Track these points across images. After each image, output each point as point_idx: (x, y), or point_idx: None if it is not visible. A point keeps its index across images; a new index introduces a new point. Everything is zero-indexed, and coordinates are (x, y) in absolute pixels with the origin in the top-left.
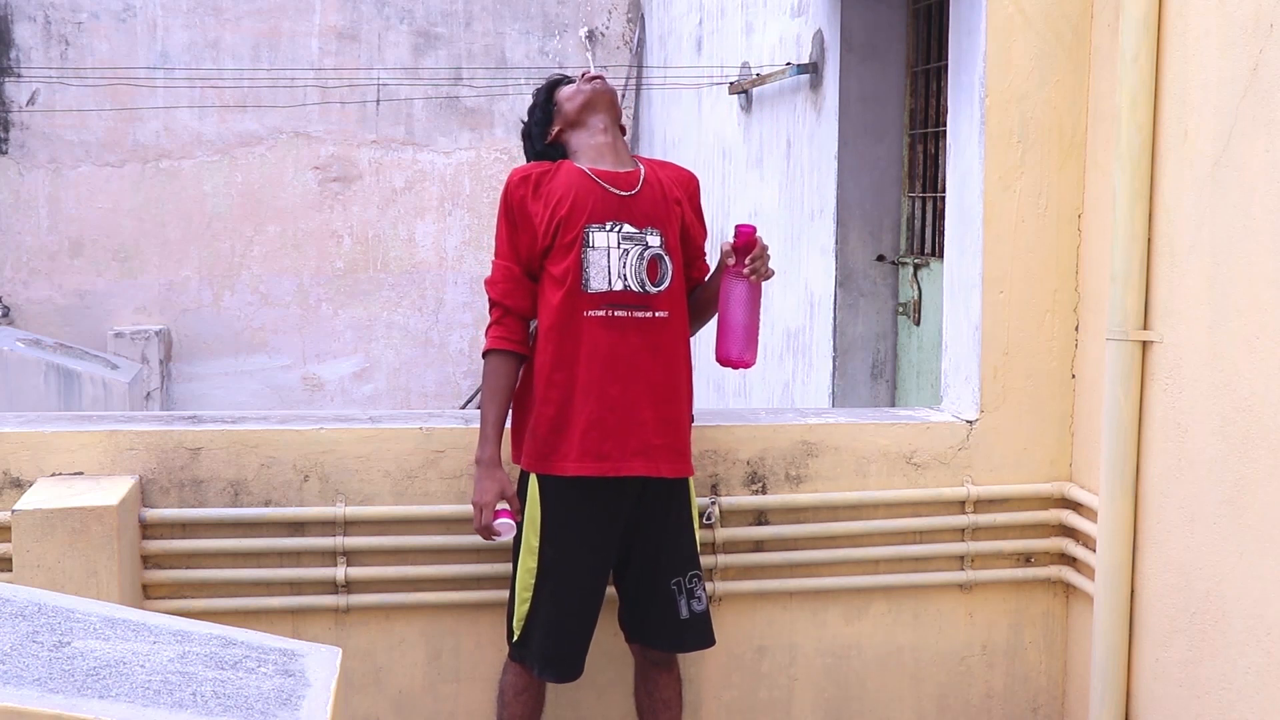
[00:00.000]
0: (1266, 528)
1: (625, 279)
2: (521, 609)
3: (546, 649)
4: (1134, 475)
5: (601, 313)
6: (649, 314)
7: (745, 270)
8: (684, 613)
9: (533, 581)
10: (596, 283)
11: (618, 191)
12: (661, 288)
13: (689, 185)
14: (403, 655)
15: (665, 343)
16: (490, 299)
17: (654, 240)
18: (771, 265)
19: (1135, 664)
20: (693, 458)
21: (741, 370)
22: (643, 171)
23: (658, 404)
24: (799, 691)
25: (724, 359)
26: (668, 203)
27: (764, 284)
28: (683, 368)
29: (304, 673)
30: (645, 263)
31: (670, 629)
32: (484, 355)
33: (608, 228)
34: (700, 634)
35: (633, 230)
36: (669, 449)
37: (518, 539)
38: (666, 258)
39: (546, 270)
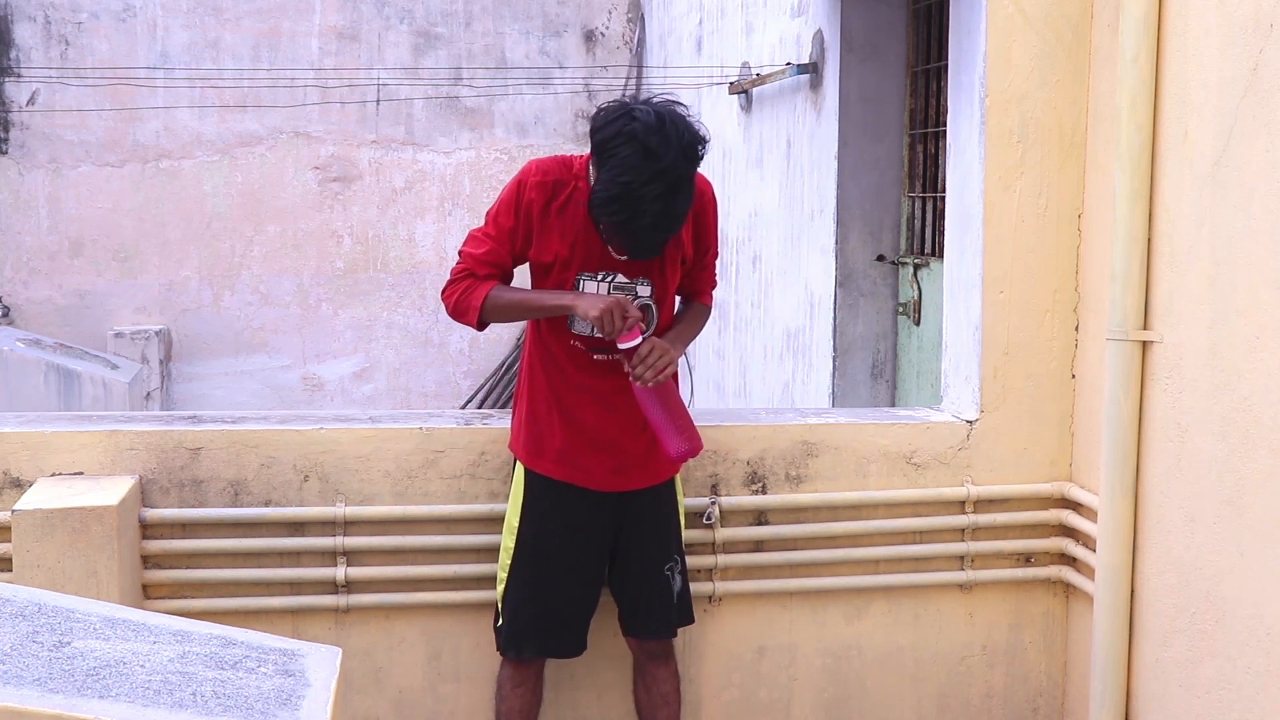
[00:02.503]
0: (1266, 528)
1: None
2: (499, 589)
3: (512, 625)
4: (1134, 475)
5: (583, 349)
6: None
7: (631, 379)
8: (674, 596)
9: (509, 561)
10: (580, 326)
11: (616, 256)
12: (646, 335)
13: (699, 203)
14: (403, 655)
15: None
16: (474, 273)
17: (644, 290)
18: (664, 363)
19: (1135, 664)
20: (692, 457)
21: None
22: None
23: (633, 433)
24: (799, 691)
25: (672, 456)
26: (665, 251)
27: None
28: None
29: (304, 673)
30: None
31: (665, 614)
32: (481, 306)
33: (599, 277)
34: (684, 613)
35: (624, 281)
36: (642, 463)
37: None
38: (654, 306)
39: (537, 283)
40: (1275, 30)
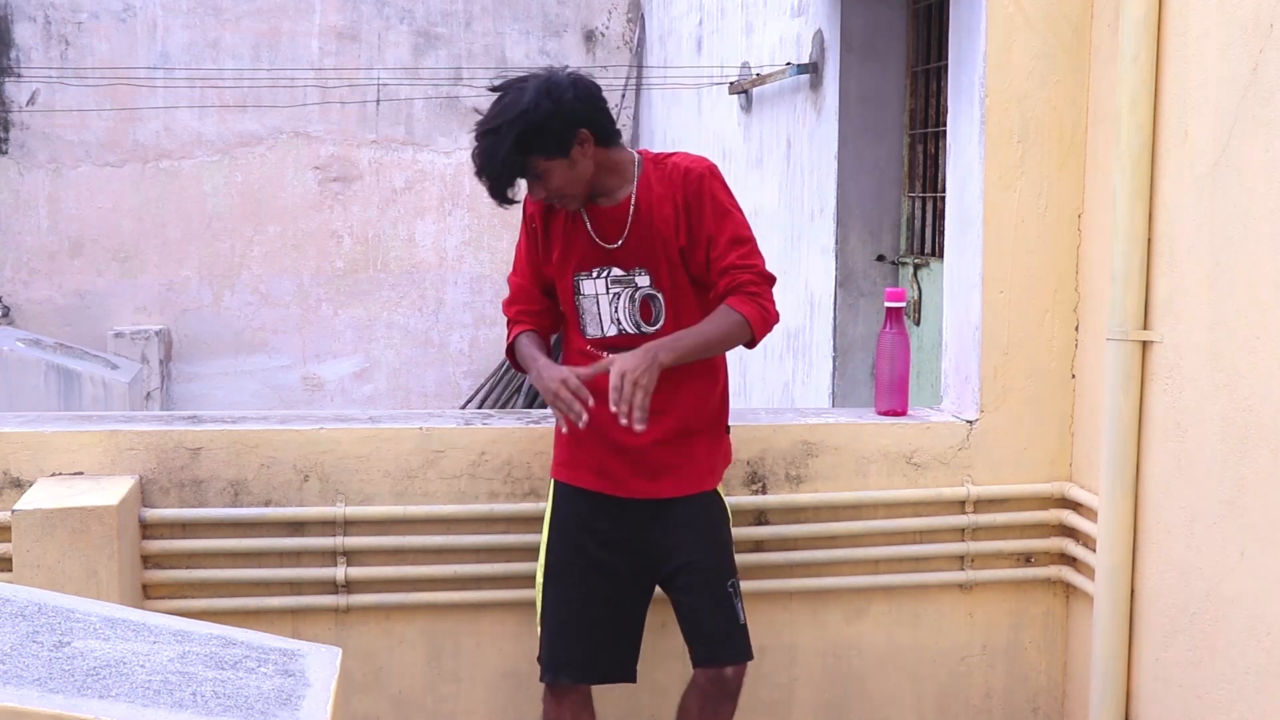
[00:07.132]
0: (1266, 528)
1: (620, 323)
2: (539, 613)
3: (549, 651)
4: (1134, 475)
5: (599, 354)
6: None
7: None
8: (739, 616)
9: (542, 580)
10: (591, 330)
11: (604, 245)
12: (656, 327)
13: (688, 186)
14: (403, 655)
15: (663, 376)
16: (510, 314)
17: (643, 280)
18: (637, 395)
19: (1135, 664)
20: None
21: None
22: (634, 201)
23: (655, 435)
24: (799, 691)
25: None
26: (654, 236)
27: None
28: (689, 395)
29: (304, 673)
30: (637, 304)
31: (726, 637)
32: (508, 352)
33: (594, 274)
34: (741, 646)
35: (621, 273)
36: (670, 470)
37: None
38: (659, 295)
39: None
40: (1275, 30)
